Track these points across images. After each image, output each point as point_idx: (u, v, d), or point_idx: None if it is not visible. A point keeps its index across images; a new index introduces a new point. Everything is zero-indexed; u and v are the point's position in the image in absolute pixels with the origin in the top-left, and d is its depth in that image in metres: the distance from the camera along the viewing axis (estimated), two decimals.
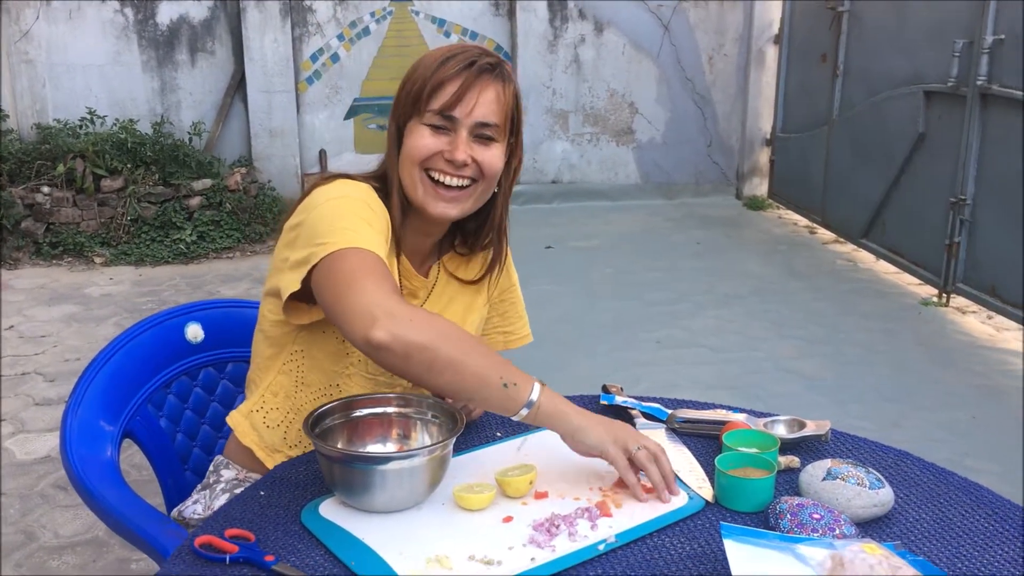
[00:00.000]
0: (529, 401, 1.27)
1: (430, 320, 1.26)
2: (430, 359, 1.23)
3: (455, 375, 1.25)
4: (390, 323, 1.21)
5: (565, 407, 1.30)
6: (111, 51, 6.00)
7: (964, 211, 4.52)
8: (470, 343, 1.28)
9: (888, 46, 5.20)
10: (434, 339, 1.23)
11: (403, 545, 1.18)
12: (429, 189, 1.44)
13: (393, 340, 1.21)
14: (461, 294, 1.60)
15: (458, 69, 1.41)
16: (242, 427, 1.56)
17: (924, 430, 3.34)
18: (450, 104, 1.41)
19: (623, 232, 6.04)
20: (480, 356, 1.27)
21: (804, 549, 1.09)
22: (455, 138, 1.42)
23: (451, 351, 1.24)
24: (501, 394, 1.26)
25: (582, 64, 6.57)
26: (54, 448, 3.21)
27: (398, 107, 1.46)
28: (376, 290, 1.25)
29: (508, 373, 1.27)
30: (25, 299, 4.80)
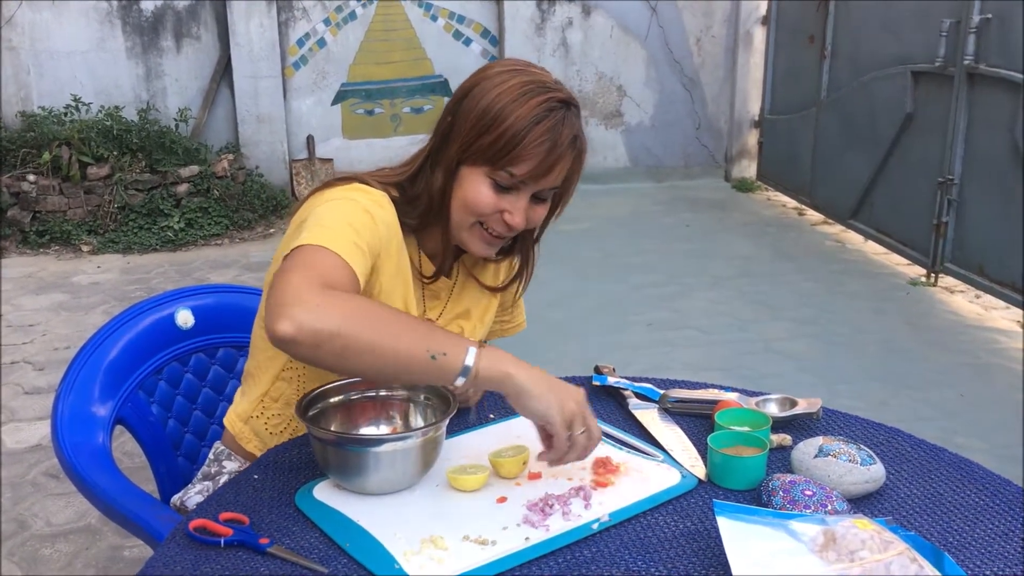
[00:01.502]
0: (464, 367, 1.18)
1: (341, 302, 1.16)
2: (342, 345, 1.13)
3: (375, 358, 1.16)
4: (295, 312, 1.12)
5: (508, 367, 1.20)
6: (95, 37, 5.95)
7: (951, 191, 4.54)
8: (387, 320, 1.18)
9: (875, 27, 5.20)
10: (345, 323, 1.13)
11: (397, 526, 1.18)
12: (475, 233, 1.41)
13: (298, 331, 1.12)
14: (480, 295, 1.57)
15: (547, 138, 1.33)
16: (244, 433, 1.54)
17: (913, 409, 3.37)
18: (532, 176, 1.35)
19: (612, 215, 6.04)
20: (400, 331, 1.17)
21: (796, 525, 1.10)
22: (517, 201, 1.37)
23: (365, 333, 1.14)
24: (431, 366, 1.17)
25: (570, 47, 6.55)
26: (44, 437, 3.20)
27: (467, 145, 1.36)
28: (297, 282, 1.16)
29: (435, 343, 1.17)
30: (12, 288, 4.77)
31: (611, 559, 1.13)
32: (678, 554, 1.14)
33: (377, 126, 6.49)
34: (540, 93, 1.35)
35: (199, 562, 1.13)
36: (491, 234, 1.41)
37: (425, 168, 1.42)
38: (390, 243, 1.37)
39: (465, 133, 1.36)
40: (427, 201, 1.41)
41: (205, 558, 1.14)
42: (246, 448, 1.54)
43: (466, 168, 1.37)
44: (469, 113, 1.35)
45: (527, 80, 1.36)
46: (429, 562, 1.11)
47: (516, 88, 1.34)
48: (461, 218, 1.40)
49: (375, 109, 6.46)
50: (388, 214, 1.38)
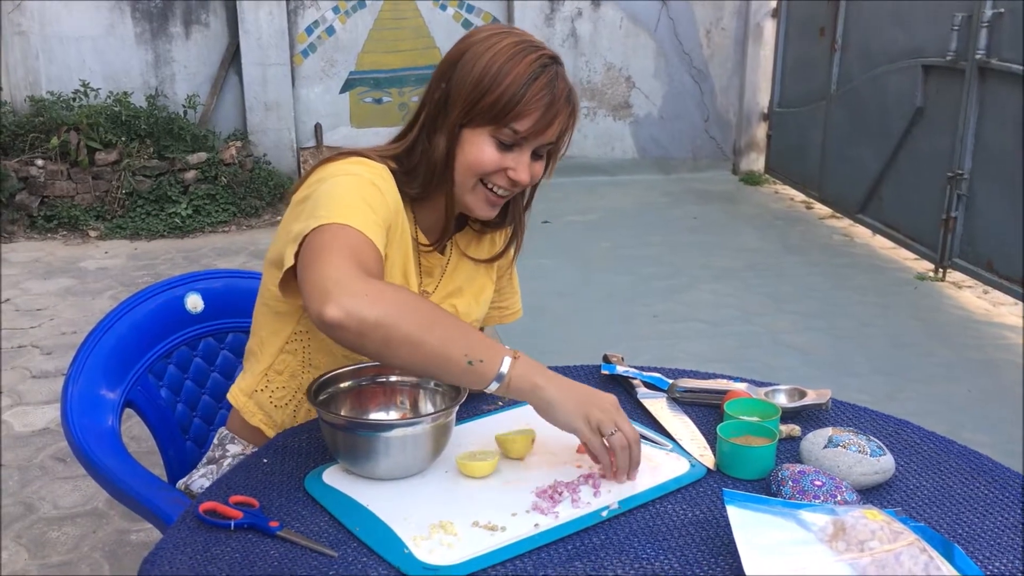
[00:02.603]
0: (499, 374, 1.22)
1: (389, 294, 1.20)
2: (385, 336, 1.17)
3: (414, 352, 1.19)
4: (344, 299, 1.15)
5: (539, 379, 1.24)
6: (105, 23, 5.95)
7: (961, 186, 4.52)
8: (432, 317, 1.22)
9: (887, 20, 5.18)
10: (391, 314, 1.17)
11: (407, 512, 1.18)
12: (480, 194, 1.43)
13: (346, 316, 1.15)
14: (475, 273, 1.59)
15: (546, 93, 1.37)
16: (248, 407, 1.54)
17: (920, 403, 3.36)
18: (535, 132, 1.38)
19: (620, 207, 6.03)
20: (443, 330, 1.21)
21: (806, 515, 1.10)
22: (519, 157, 1.40)
23: (409, 327, 1.18)
24: (466, 370, 1.21)
25: (579, 38, 6.53)
26: (52, 420, 3.22)
27: (468, 108, 1.38)
28: (340, 264, 1.19)
29: (473, 348, 1.21)
30: (20, 273, 4.78)
31: (620, 546, 1.13)
32: (687, 542, 1.14)
33: (385, 115, 6.48)
34: (532, 51, 1.38)
35: (209, 544, 1.14)
36: (495, 193, 1.44)
37: (421, 138, 1.44)
38: (396, 215, 1.40)
39: (464, 97, 1.38)
40: (429, 169, 1.43)
41: (215, 541, 1.14)
42: (251, 422, 1.54)
43: (468, 131, 1.40)
44: (465, 78, 1.38)
45: (516, 40, 1.39)
46: (438, 547, 1.11)
47: (508, 49, 1.38)
48: (464, 180, 1.42)
49: (383, 98, 6.45)
50: (391, 186, 1.41)
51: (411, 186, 1.45)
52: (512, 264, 1.70)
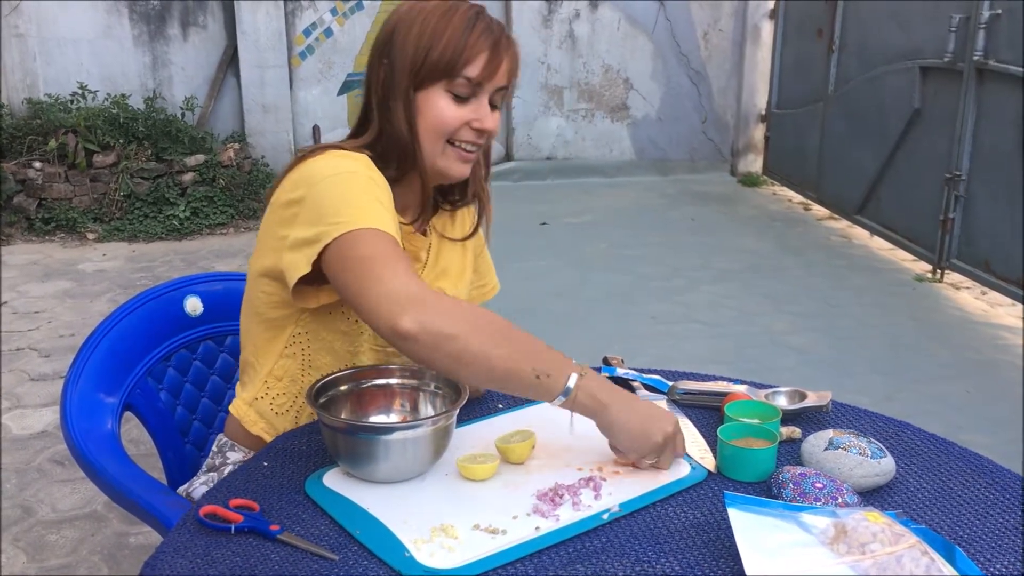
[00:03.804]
0: (566, 389, 1.24)
1: (459, 308, 1.23)
2: (459, 350, 1.20)
3: (485, 367, 1.22)
4: (418, 312, 1.19)
5: (604, 397, 1.26)
6: (102, 25, 5.95)
7: (959, 187, 4.53)
8: (502, 332, 1.24)
9: (884, 21, 5.18)
10: (464, 329, 1.20)
11: (408, 515, 1.18)
12: (451, 155, 1.44)
13: (421, 330, 1.18)
14: (454, 253, 1.60)
15: (487, 36, 1.40)
16: (249, 416, 1.53)
17: (918, 403, 3.36)
18: (487, 74, 1.40)
19: (618, 208, 6.04)
20: (513, 345, 1.24)
21: (807, 517, 1.10)
22: (479, 107, 1.42)
23: (481, 341, 1.21)
24: (533, 384, 1.24)
25: (577, 39, 6.54)
26: (50, 423, 3.21)
27: (415, 71, 1.39)
28: (401, 275, 1.22)
29: (542, 362, 1.24)
30: (18, 275, 4.78)
31: (621, 549, 1.13)
32: (688, 545, 1.14)
33: None
34: (459, 5, 1.41)
35: (210, 548, 1.14)
36: (465, 150, 1.44)
37: (383, 121, 1.44)
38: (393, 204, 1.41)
39: (410, 62, 1.39)
40: (398, 147, 1.43)
41: (216, 544, 1.14)
42: (251, 431, 1.53)
43: (422, 94, 1.40)
44: (405, 45, 1.40)
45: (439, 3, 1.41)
46: (439, 550, 1.11)
47: (437, 9, 1.40)
48: (432, 145, 1.43)
49: None
50: (380, 174, 1.41)
51: (387, 169, 1.44)
52: (484, 242, 1.71)
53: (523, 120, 6.61)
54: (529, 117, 6.61)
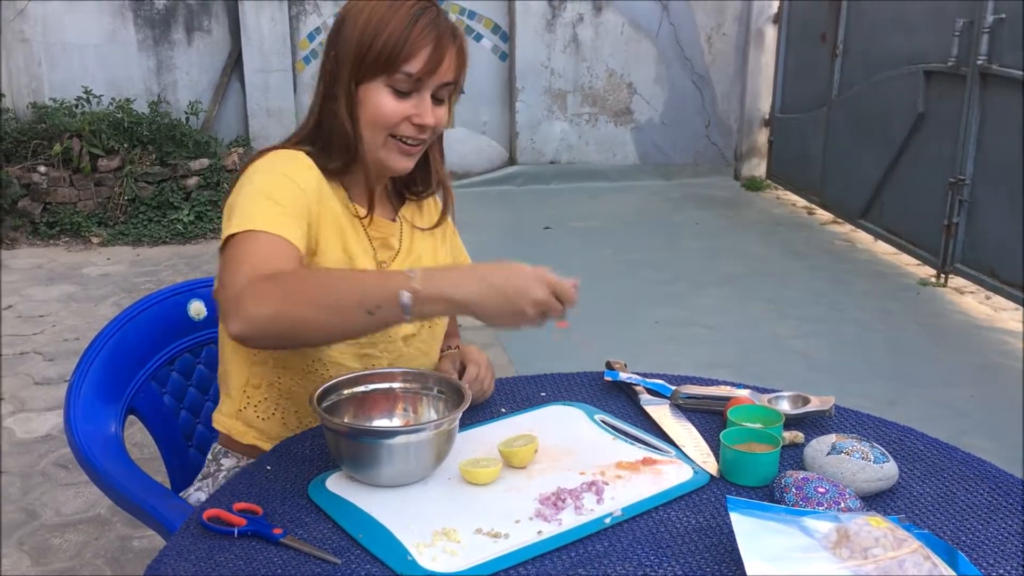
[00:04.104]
0: (404, 307, 1.18)
1: (276, 286, 1.19)
2: (287, 325, 1.18)
3: (318, 328, 1.20)
4: (238, 310, 1.17)
5: (447, 290, 1.19)
6: (107, 30, 5.97)
7: (963, 191, 4.53)
8: (322, 284, 1.22)
9: (888, 25, 5.18)
10: (280, 304, 1.18)
11: (410, 519, 1.19)
12: (392, 147, 1.44)
13: (247, 326, 1.17)
14: (426, 242, 1.59)
15: (430, 31, 1.38)
16: (237, 428, 1.54)
17: (922, 408, 3.36)
18: (428, 71, 1.39)
19: (621, 213, 6.04)
20: (335, 294, 1.20)
21: (809, 522, 1.10)
22: (421, 102, 1.41)
23: (302, 307, 1.18)
24: (372, 320, 1.20)
25: (580, 44, 6.54)
26: (54, 427, 3.22)
27: (357, 64, 1.39)
28: (233, 278, 1.21)
29: (368, 296, 1.19)
30: (23, 279, 4.79)
31: (623, 554, 1.13)
32: (690, 549, 1.14)
33: None
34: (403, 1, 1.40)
35: (213, 551, 1.14)
36: (406, 144, 1.44)
37: (325, 111, 1.45)
38: (319, 195, 1.41)
39: (352, 55, 1.39)
40: (340, 138, 1.43)
41: (219, 547, 1.15)
42: (243, 442, 1.54)
43: (363, 87, 1.40)
44: (350, 37, 1.40)
45: None
46: (442, 554, 1.12)
47: (381, 4, 1.40)
48: (373, 137, 1.42)
49: None
50: (307, 168, 1.41)
51: (331, 161, 1.45)
52: (457, 234, 1.71)
53: (527, 124, 6.61)
54: (533, 121, 6.61)
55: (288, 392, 1.50)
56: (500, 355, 3.79)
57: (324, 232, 1.41)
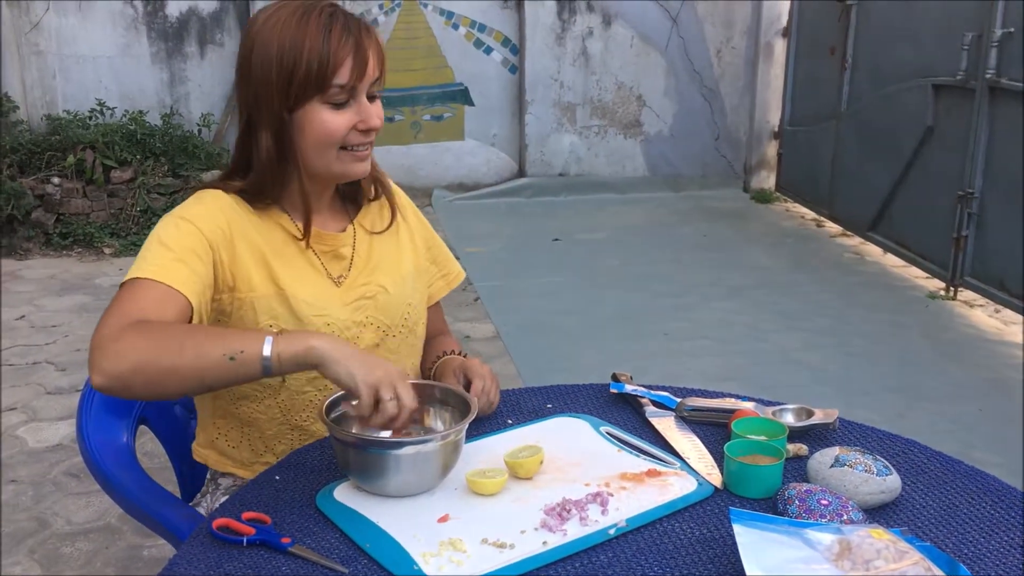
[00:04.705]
0: (264, 356, 1.21)
1: (136, 338, 1.20)
2: (150, 376, 1.19)
3: (179, 378, 1.20)
4: (98, 362, 1.19)
5: (309, 341, 1.23)
6: (121, 43, 6.02)
7: (972, 204, 4.52)
8: (183, 337, 1.22)
9: (897, 39, 5.19)
10: (142, 357, 1.19)
11: (417, 528, 1.20)
12: (346, 158, 1.43)
13: (107, 380, 1.19)
14: (385, 246, 1.57)
15: (347, 37, 1.37)
16: (212, 458, 1.58)
17: (930, 422, 3.36)
18: (358, 76, 1.38)
19: (630, 224, 6.05)
20: (196, 345, 1.21)
21: (812, 534, 1.11)
22: (360, 108, 1.40)
23: (163, 359, 1.19)
24: (233, 367, 1.21)
25: (590, 57, 6.57)
26: (66, 436, 3.24)
27: (283, 92, 1.37)
28: (98, 333, 1.22)
29: (230, 345, 1.21)
30: (35, 289, 4.83)
31: (627, 564, 1.14)
32: (694, 560, 1.15)
33: (397, 133, 6.53)
34: (310, 11, 1.38)
35: (222, 560, 1.15)
36: (357, 151, 1.43)
37: (248, 143, 1.44)
38: (230, 231, 1.41)
39: (276, 85, 1.37)
40: (268, 166, 1.42)
41: (228, 556, 1.16)
42: (221, 470, 1.58)
43: (299, 113, 1.39)
44: (267, 68, 1.37)
45: (291, 9, 1.38)
46: (448, 564, 1.13)
47: (290, 20, 1.37)
48: (323, 155, 1.42)
49: (395, 116, 6.50)
50: (214, 208, 1.41)
51: (265, 190, 1.44)
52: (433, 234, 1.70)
53: (536, 136, 6.64)
54: (542, 133, 6.64)
55: (250, 420, 1.52)
56: (508, 366, 3.81)
57: (242, 267, 1.41)
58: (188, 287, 1.32)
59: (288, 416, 1.51)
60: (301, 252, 1.48)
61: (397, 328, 1.54)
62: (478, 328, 4.21)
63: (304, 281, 1.47)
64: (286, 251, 1.47)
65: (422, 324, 1.62)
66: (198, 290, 1.33)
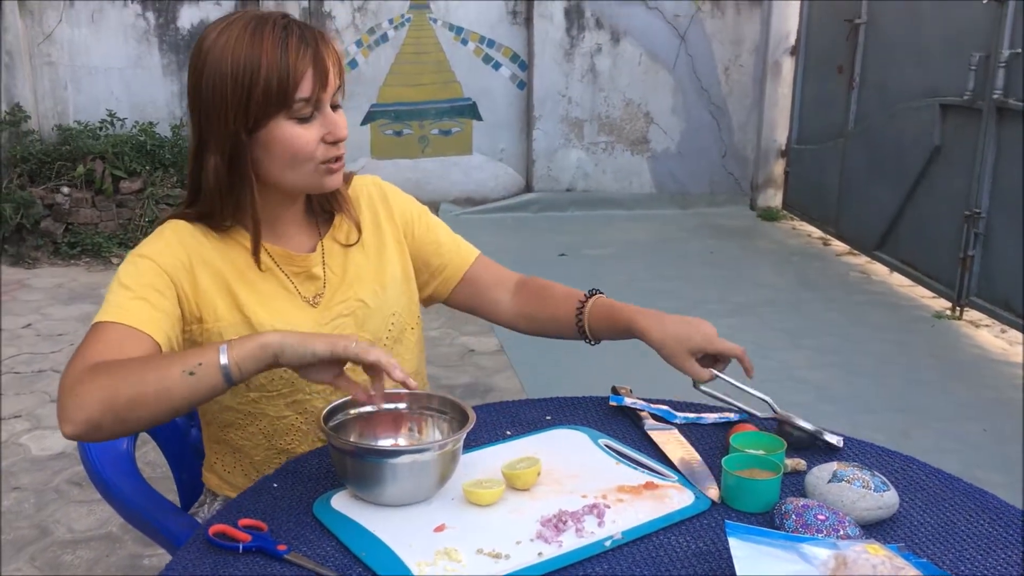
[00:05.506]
0: (224, 367, 1.20)
1: (97, 376, 1.19)
2: (115, 415, 1.18)
3: (145, 405, 1.19)
4: (66, 411, 1.18)
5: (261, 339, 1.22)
6: (132, 54, 6.07)
7: (978, 224, 4.52)
8: (140, 367, 1.21)
9: (905, 59, 5.20)
10: (105, 395, 1.18)
11: (413, 538, 1.20)
12: (321, 171, 1.40)
13: (77, 426, 1.17)
14: (359, 259, 1.53)
15: (304, 48, 1.32)
16: (212, 481, 1.60)
17: (935, 441, 3.34)
18: (321, 87, 1.34)
19: (637, 241, 6.06)
20: (153, 370, 1.20)
21: (808, 548, 1.11)
22: (325, 119, 1.37)
23: (124, 392, 1.18)
24: (192, 382, 1.20)
25: (598, 73, 6.60)
26: (69, 444, 3.25)
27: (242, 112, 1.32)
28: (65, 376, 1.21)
29: (187, 362, 1.20)
30: (43, 298, 4.85)
31: None
32: (690, 573, 1.15)
33: (405, 147, 6.55)
34: (263, 24, 1.33)
35: (217, 567, 1.16)
36: (330, 163, 1.40)
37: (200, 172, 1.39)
38: (189, 262, 1.40)
39: (231, 104, 1.32)
40: (217, 189, 1.38)
41: (223, 563, 1.16)
42: (219, 493, 1.59)
43: (263, 132, 1.34)
44: (220, 87, 1.32)
45: (243, 24, 1.34)
46: (443, 574, 1.13)
47: (243, 35, 1.32)
48: (296, 171, 1.38)
49: (404, 130, 6.53)
50: (173, 241, 1.40)
51: (217, 215, 1.41)
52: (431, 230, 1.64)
53: (544, 152, 6.66)
54: (550, 149, 6.66)
55: (238, 447, 1.53)
56: (511, 379, 3.81)
57: (206, 297, 1.40)
58: (150, 324, 1.30)
59: (272, 441, 1.51)
60: (271, 273, 1.46)
61: (381, 341, 1.52)
62: (482, 341, 4.21)
63: (272, 305, 1.44)
64: (250, 274, 1.44)
65: (411, 328, 1.59)
66: (164, 326, 1.32)
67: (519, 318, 1.69)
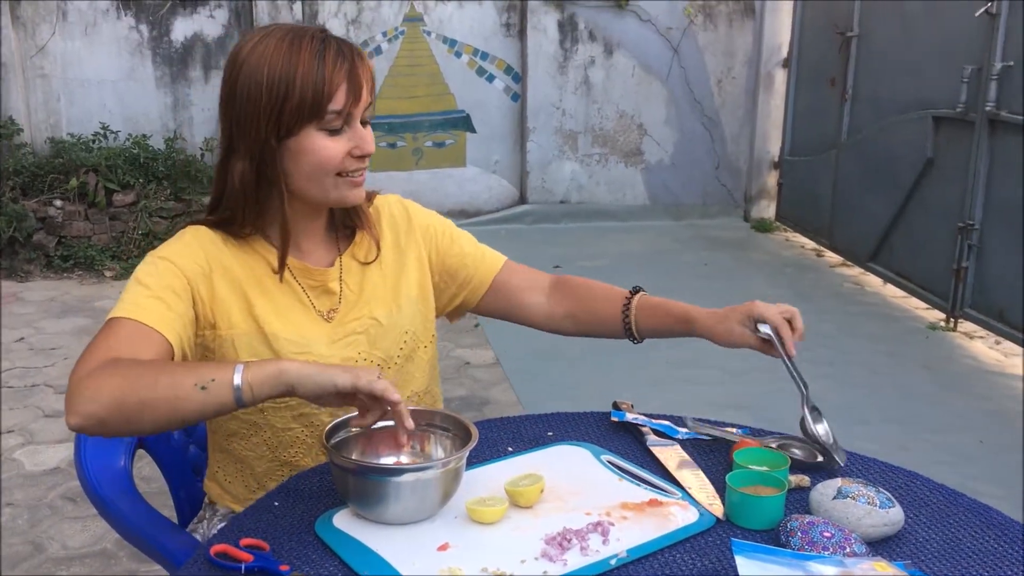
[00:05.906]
0: (236, 388, 1.20)
1: (110, 376, 1.19)
2: (124, 415, 1.19)
3: (152, 412, 1.19)
4: (75, 403, 1.18)
5: (279, 364, 1.22)
6: (125, 67, 6.06)
7: (972, 236, 4.53)
8: (154, 371, 1.21)
9: (897, 71, 5.23)
10: (116, 394, 1.18)
11: (416, 557, 1.19)
12: (343, 184, 1.41)
13: (83, 420, 1.18)
14: (375, 277, 1.53)
15: (341, 62, 1.35)
16: (214, 491, 1.59)
17: (930, 453, 3.34)
18: (354, 102, 1.36)
19: (631, 252, 6.06)
20: (169, 377, 1.20)
21: (815, 566, 1.10)
22: (354, 133, 1.38)
23: (136, 395, 1.18)
24: (202, 397, 1.20)
25: (592, 86, 6.61)
26: (63, 460, 3.23)
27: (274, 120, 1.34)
28: (79, 368, 1.22)
29: (201, 375, 1.20)
30: (35, 312, 4.82)
31: None
32: None
33: (399, 159, 6.55)
34: (301, 36, 1.35)
35: None
36: (354, 177, 1.41)
37: (226, 178, 1.40)
38: (208, 267, 1.40)
39: (265, 111, 1.34)
40: (242, 194, 1.39)
41: None
42: (221, 504, 1.58)
43: (292, 140, 1.36)
44: (255, 94, 1.34)
45: (281, 35, 1.36)
46: None
47: (280, 45, 1.34)
48: (320, 182, 1.39)
49: (398, 142, 6.53)
50: (193, 244, 1.41)
51: (238, 221, 1.42)
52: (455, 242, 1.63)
53: (538, 164, 6.66)
54: (543, 161, 6.66)
55: (240, 458, 1.52)
56: (507, 393, 3.80)
57: (221, 303, 1.40)
58: (164, 324, 1.31)
59: (276, 453, 1.50)
60: (288, 286, 1.46)
61: (392, 360, 1.52)
62: (478, 355, 4.20)
63: (287, 317, 1.44)
64: (267, 284, 1.44)
65: (424, 347, 1.58)
66: (176, 327, 1.32)
67: (561, 319, 1.72)
